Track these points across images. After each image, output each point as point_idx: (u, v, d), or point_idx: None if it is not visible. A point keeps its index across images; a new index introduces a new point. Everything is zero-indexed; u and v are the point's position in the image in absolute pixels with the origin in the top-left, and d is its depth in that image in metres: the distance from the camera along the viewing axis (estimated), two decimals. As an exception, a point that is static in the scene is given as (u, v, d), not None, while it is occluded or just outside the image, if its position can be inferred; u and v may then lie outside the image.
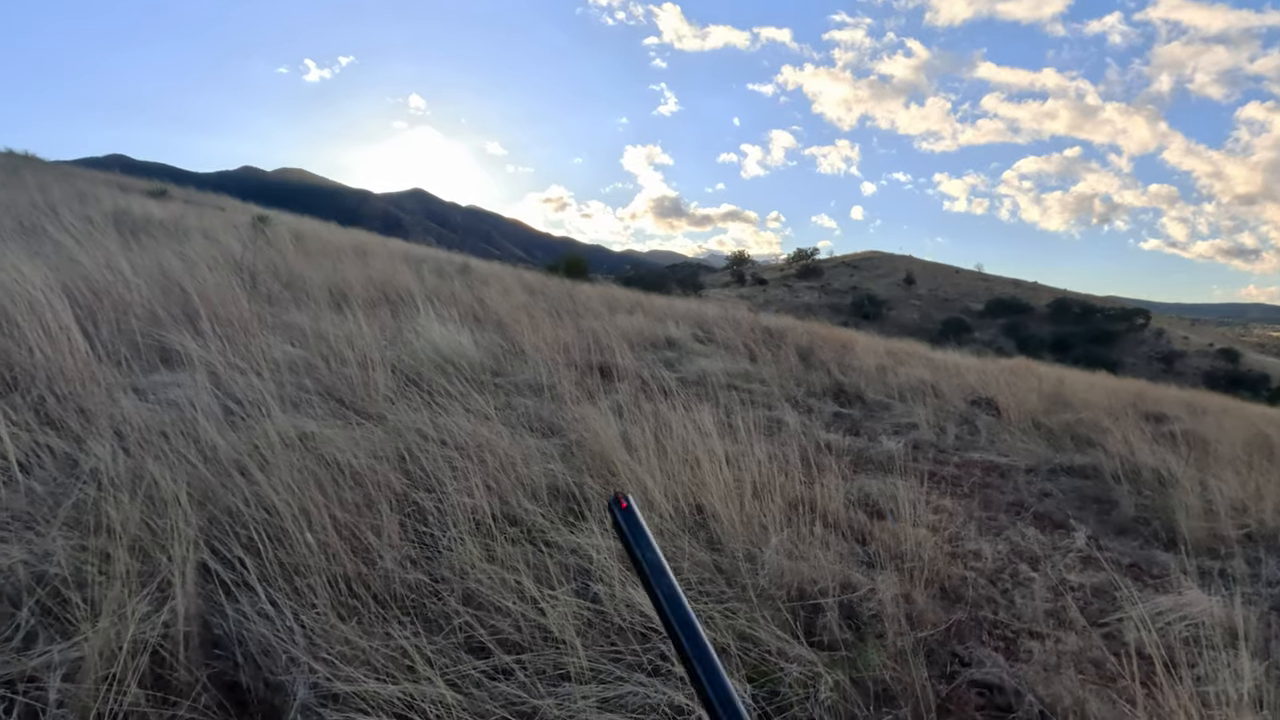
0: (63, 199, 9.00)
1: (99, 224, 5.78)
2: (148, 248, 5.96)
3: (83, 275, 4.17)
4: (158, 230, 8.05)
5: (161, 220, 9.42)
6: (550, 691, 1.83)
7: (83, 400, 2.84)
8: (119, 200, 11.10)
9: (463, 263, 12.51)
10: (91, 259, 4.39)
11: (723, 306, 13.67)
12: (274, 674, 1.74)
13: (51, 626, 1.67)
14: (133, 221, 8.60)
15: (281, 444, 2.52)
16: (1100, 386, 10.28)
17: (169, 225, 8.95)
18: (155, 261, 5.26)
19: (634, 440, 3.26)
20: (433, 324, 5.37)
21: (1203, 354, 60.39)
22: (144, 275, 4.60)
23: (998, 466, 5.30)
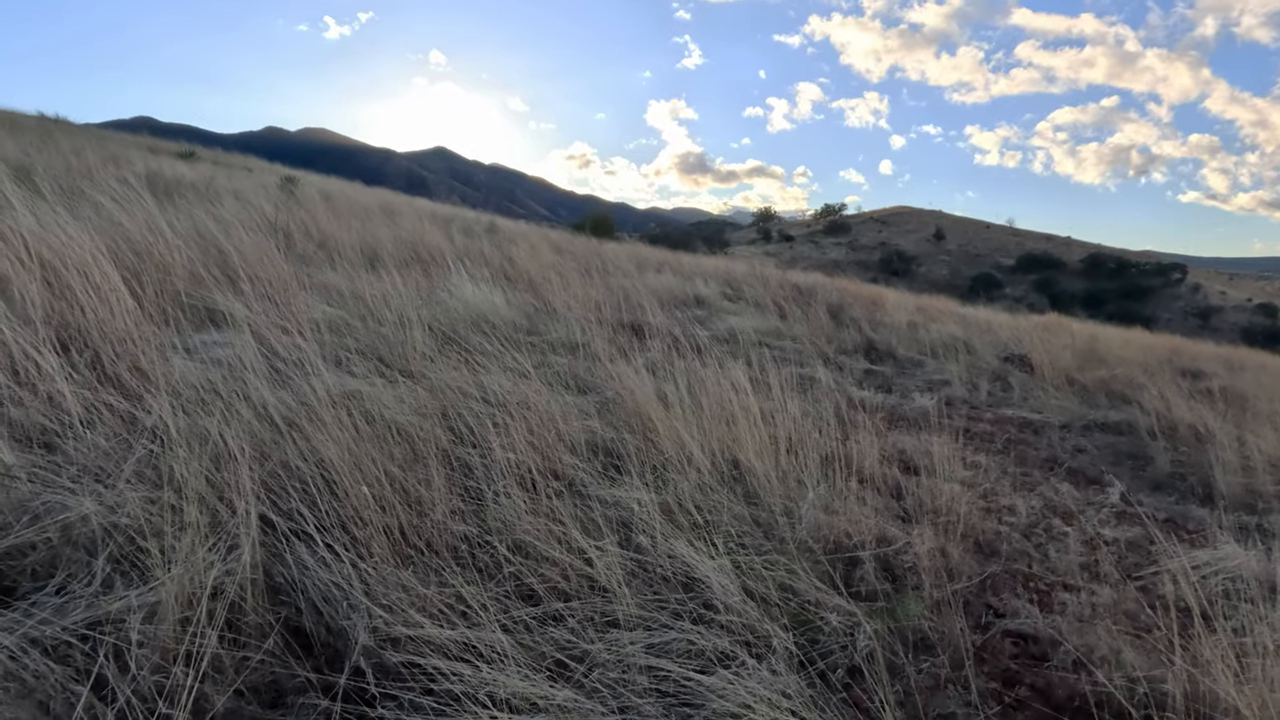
0: (97, 162, 9.09)
1: (134, 186, 5.84)
2: (182, 209, 6.04)
3: (125, 237, 4.24)
4: (189, 192, 8.14)
5: (193, 182, 9.52)
6: (600, 636, 1.89)
7: (136, 358, 2.92)
8: (150, 163, 11.22)
9: (489, 222, 12.53)
10: (132, 221, 4.46)
11: (750, 264, 13.59)
12: (335, 619, 1.82)
13: (128, 573, 1.76)
14: (165, 183, 8.71)
15: (329, 401, 2.58)
16: (1135, 343, 10.15)
17: (200, 187, 9.05)
18: (191, 223, 5.34)
19: (669, 397, 3.30)
20: (465, 283, 5.42)
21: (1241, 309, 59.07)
22: (183, 236, 4.67)
23: (1031, 423, 5.29)
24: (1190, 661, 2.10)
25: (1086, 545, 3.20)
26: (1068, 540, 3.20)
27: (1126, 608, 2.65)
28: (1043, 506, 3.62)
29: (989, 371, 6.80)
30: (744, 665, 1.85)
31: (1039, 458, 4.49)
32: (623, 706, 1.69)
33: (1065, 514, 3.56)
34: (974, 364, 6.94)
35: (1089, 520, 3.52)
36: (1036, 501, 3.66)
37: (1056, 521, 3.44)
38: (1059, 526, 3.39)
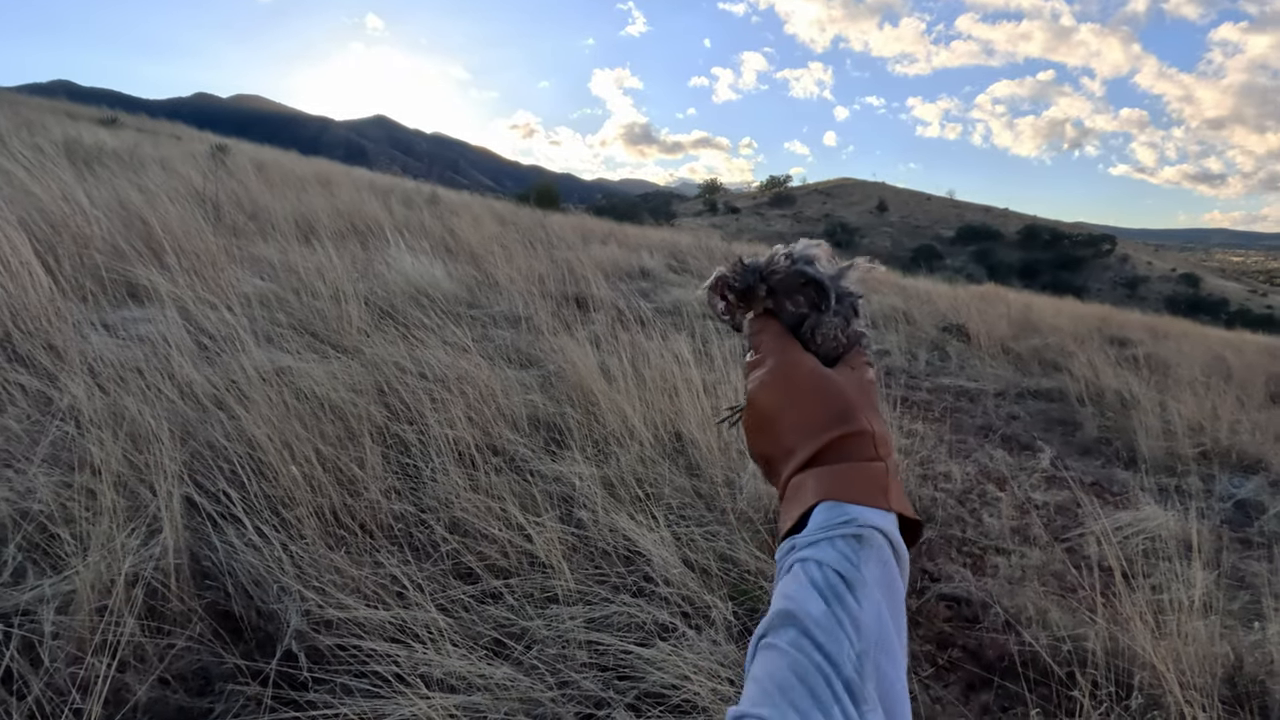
0: (8, 127, 8.59)
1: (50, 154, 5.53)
2: (103, 179, 5.74)
3: (38, 207, 4.02)
4: (112, 160, 7.74)
5: (115, 150, 9.06)
6: (539, 613, 1.88)
7: (50, 336, 2.78)
8: (68, 129, 10.64)
9: (431, 192, 12.24)
10: (46, 191, 4.23)
11: (696, 236, 13.58)
12: (265, 603, 1.77)
13: (41, 562, 1.68)
14: (85, 151, 8.26)
15: (259, 378, 2.50)
16: (1067, 312, 10.47)
17: (123, 155, 8.62)
18: (113, 193, 5.09)
19: (612, 370, 3.28)
20: (404, 256, 5.30)
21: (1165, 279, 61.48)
22: (103, 207, 4.45)
23: (968, 391, 5.42)
24: (1111, 619, 2.18)
25: (1018, 509, 3.31)
26: (1000, 505, 3.30)
27: (1054, 569, 2.75)
28: (977, 473, 3.72)
29: (928, 341, 6.94)
30: (683, 636, 1.86)
31: (974, 425, 4.62)
32: (561, 682, 1.68)
33: (999, 479, 3.67)
34: (913, 334, 7.07)
35: (1021, 485, 3.63)
36: (971, 468, 3.76)
37: (990, 487, 3.54)
38: (993, 492, 3.49)
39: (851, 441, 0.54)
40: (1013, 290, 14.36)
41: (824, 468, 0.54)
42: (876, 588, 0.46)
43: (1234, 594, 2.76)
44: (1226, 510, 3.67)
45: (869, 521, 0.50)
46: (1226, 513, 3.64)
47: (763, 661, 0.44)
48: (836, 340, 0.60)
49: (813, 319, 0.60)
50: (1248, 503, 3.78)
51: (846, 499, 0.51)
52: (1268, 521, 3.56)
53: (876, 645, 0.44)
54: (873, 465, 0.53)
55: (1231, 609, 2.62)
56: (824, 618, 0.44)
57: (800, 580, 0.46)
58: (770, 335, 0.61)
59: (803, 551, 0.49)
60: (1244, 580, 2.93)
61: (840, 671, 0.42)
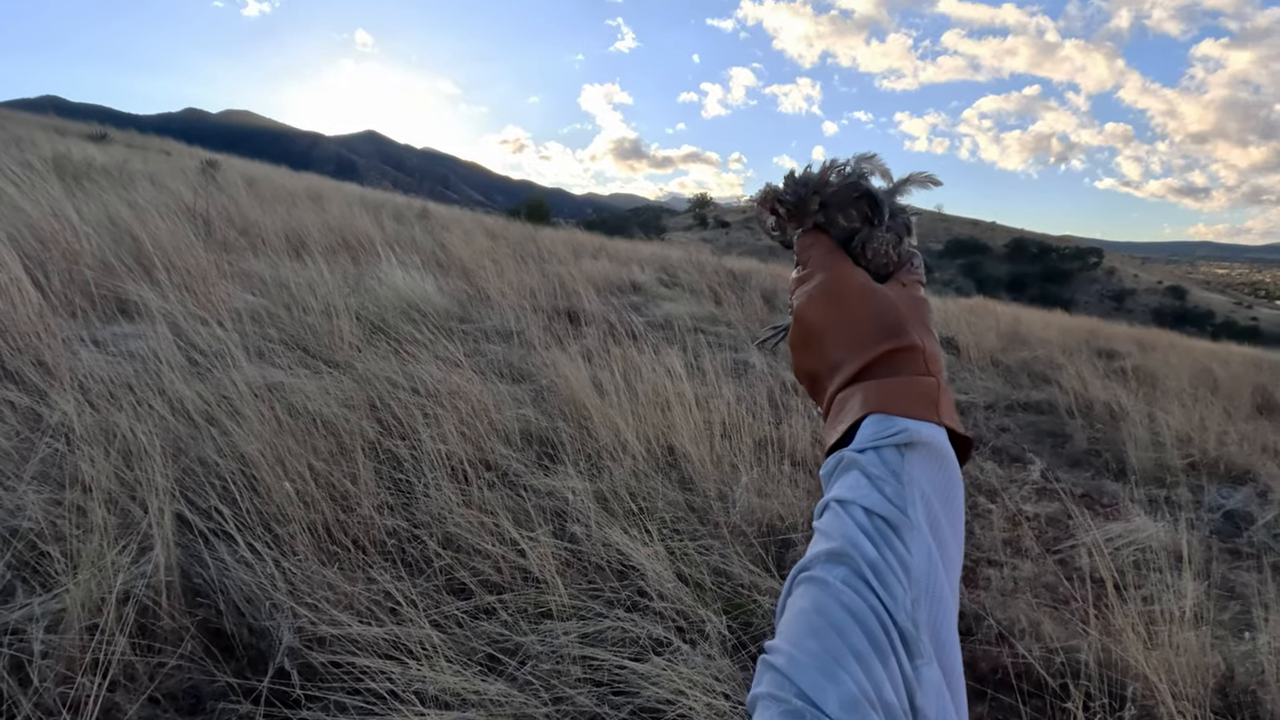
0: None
1: (39, 170, 5.52)
2: (93, 195, 5.73)
3: (28, 224, 4.01)
4: (101, 176, 7.72)
5: (105, 165, 9.04)
6: (533, 628, 1.88)
7: (39, 352, 2.77)
8: (57, 145, 10.61)
9: (421, 207, 12.25)
10: (35, 206, 4.22)
11: (686, 250, 13.62)
12: (258, 619, 1.75)
13: (30, 580, 1.67)
14: (74, 167, 8.24)
15: (251, 394, 2.49)
16: (1055, 324, 10.53)
17: (113, 171, 8.60)
18: (103, 209, 5.08)
19: (604, 384, 3.28)
20: (395, 271, 5.29)
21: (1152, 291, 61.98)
22: (92, 223, 4.44)
23: (958, 404, 5.44)
24: (1103, 631, 2.19)
25: (1009, 521, 3.32)
26: (992, 517, 3.31)
27: (1046, 581, 2.75)
28: (968, 485, 3.73)
29: (918, 354, 6.96)
30: (678, 651, 1.85)
31: (964, 438, 4.63)
32: (556, 698, 1.67)
33: (990, 491, 3.68)
34: (904, 347, 7.09)
35: (1012, 497, 3.65)
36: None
37: (981, 499, 3.56)
38: (984, 504, 3.50)
39: (902, 356, 0.53)
40: (1001, 303, 14.45)
41: (873, 381, 0.52)
42: (927, 528, 0.44)
43: (1224, 604, 2.77)
44: (1215, 521, 3.69)
45: (920, 433, 0.48)
46: (1215, 523, 3.67)
47: (809, 594, 0.42)
48: (888, 257, 0.59)
49: (864, 233, 0.59)
50: (1236, 513, 3.80)
51: (897, 411, 0.50)
52: (1256, 532, 3.58)
53: (928, 593, 0.42)
54: (924, 380, 0.52)
55: (1222, 619, 2.64)
56: (877, 561, 0.42)
57: (846, 521, 0.44)
58: (821, 249, 0.60)
59: (845, 480, 0.47)
60: (1234, 590, 2.94)
61: (895, 618, 0.40)
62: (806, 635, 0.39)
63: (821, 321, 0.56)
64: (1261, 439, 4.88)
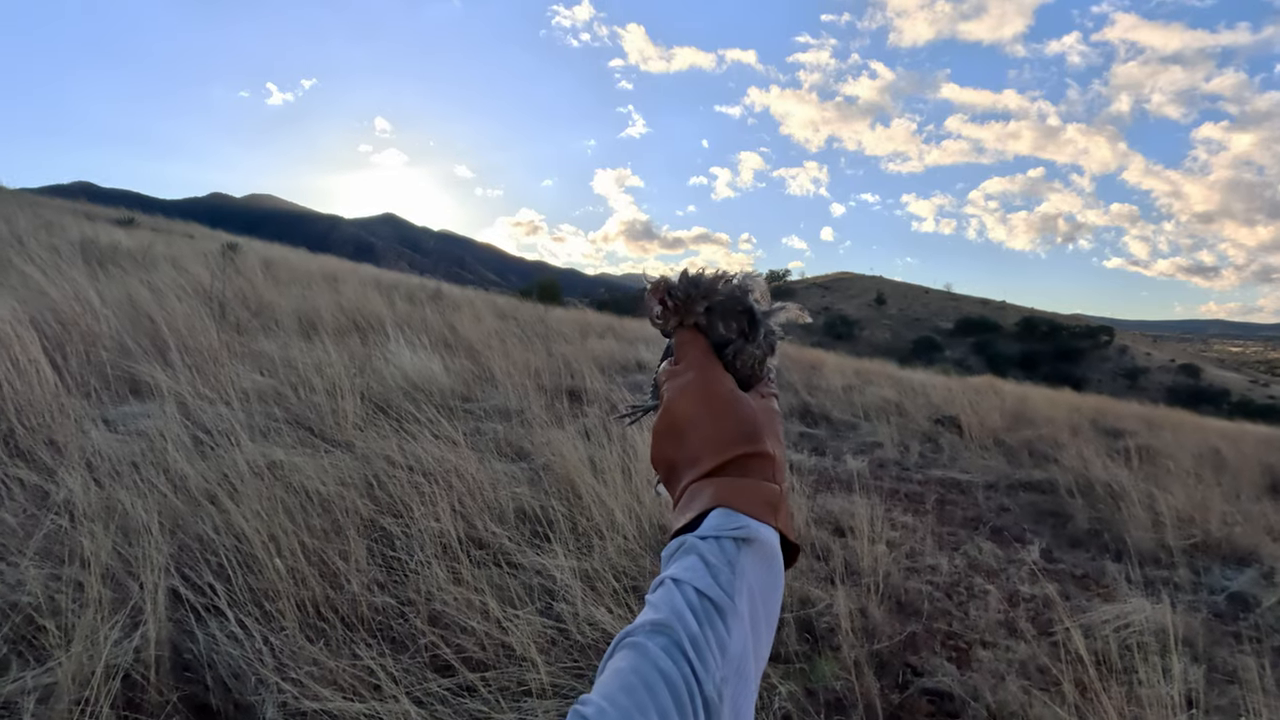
0: (28, 229, 8.94)
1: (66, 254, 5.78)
2: (115, 278, 5.96)
3: (50, 306, 4.18)
4: (125, 259, 8.01)
5: (129, 249, 9.38)
6: (513, 707, 1.89)
7: (52, 432, 2.87)
8: (86, 229, 11.03)
9: (435, 288, 12.53)
10: (59, 290, 4.41)
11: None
12: (243, 695, 1.79)
13: (25, 654, 1.72)
14: (100, 251, 8.56)
15: (250, 472, 2.57)
16: (1063, 403, 10.53)
17: (137, 254, 8.92)
18: (124, 291, 5.28)
19: (601, 464, 3.34)
20: (403, 351, 5.43)
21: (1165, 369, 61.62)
22: (112, 306, 4.62)
23: (958, 483, 5.45)
24: (1089, 714, 2.18)
25: (1005, 602, 3.30)
26: (988, 598, 3.30)
27: (1039, 663, 2.73)
28: (966, 565, 3.72)
29: (920, 433, 6.99)
30: (657, 731, 1.86)
31: (964, 517, 4.63)
32: (532, 776, 1.69)
33: (987, 572, 3.67)
34: (906, 426, 7.13)
35: (1009, 578, 3.63)
36: (960, 560, 3.76)
37: (978, 579, 3.55)
38: (980, 584, 3.49)
39: (754, 461, 0.59)
40: (1010, 382, 14.47)
41: (726, 479, 0.58)
42: (747, 617, 0.50)
43: (1223, 689, 2.74)
44: (1218, 603, 3.65)
45: (758, 533, 0.54)
46: (1218, 606, 3.62)
47: (628, 657, 0.46)
48: (753, 370, 0.65)
49: (737, 344, 0.65)
50: (1241, 595, 3.76)
51: (741, 509, 0.56)
52: (1263, 614, 3.54)
53: (737, 673, 0.47)
54: (769, 486, 0.58)
55: (1220, 704, 2.60)
56: (697, 635, 0.46)
57: (676, 597, 0.50)
58: (698, 350, 0.65)
59: (684, 561, 0.53)
60: (1234, 675, 2.90)
61: (703, 688, 0.44)
62: (619, 691, 0.43)
63: (689, 416, 0.62)
64: (1268, 520, 4.84)
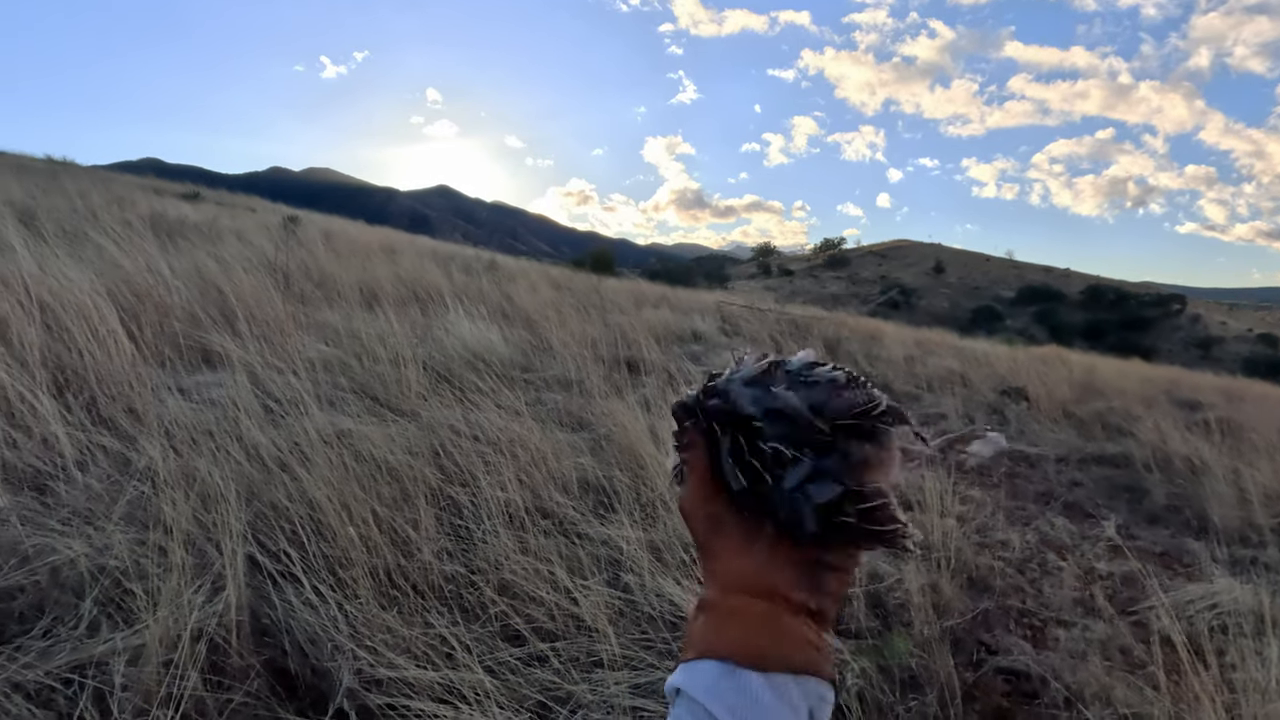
0: (101, 204, 9.21)
1: (137, 228, 5.92)
2: (184, 250, 6.12)
3: (125, 278, 4.30)
4: (192, 233, 8.23)
5: (196, 223, 9.62)
6: (584, 678, 1.89)
7: (131, 400, 2.95)
8: (154, 204, 11.36)
9: (489, 259, 12.62)
10: (132, 262, 4.52)
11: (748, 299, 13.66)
12: (320, 661, 1.82)
13: (114, 616, 1.77)
14: (168, 224, 8.80)
15: (320, 441, 2.60)
16: (1133, 374, 10.16)
17: (203, 227, 9.14)
18: (192, 264, 5.40)
19: (661, 434, 3.31)
20: (462, 321, 5.46)
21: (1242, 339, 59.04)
22: (182, 277, 4.74)
23: (1027, 456, 5.29)
24: (1180, 699, 2.09)
25: (1080, 580, 3.19)
26: (1062, 575, 3.19)
27: (1120, 643, 2.64)
28: (1038, 541, 3.61)
29: (985, 405, 6.81)
30: (729, 705, 1.84)
31: (1034, 491, 4.49)
32: (605, 748, 1.68)
33: (1060, 548, 3.55)
34: (970, 397, 6.95)
35: (1083, 554, 3.51)
36: (1031, 536, 3.65)
37: (1051, 556, 3.44)
38: (1054, 561, 3.38)
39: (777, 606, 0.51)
40: (1076, 352, 14.02)
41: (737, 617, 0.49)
42: None
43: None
44: (1311, 585, 3.48)
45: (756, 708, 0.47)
46: (1311, 588, 3.45)
47: None
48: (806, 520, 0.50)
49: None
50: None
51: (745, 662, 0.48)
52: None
53: None
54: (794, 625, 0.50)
55: (1317, 691, 2.48)
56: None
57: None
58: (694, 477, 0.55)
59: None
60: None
61: None
62: None
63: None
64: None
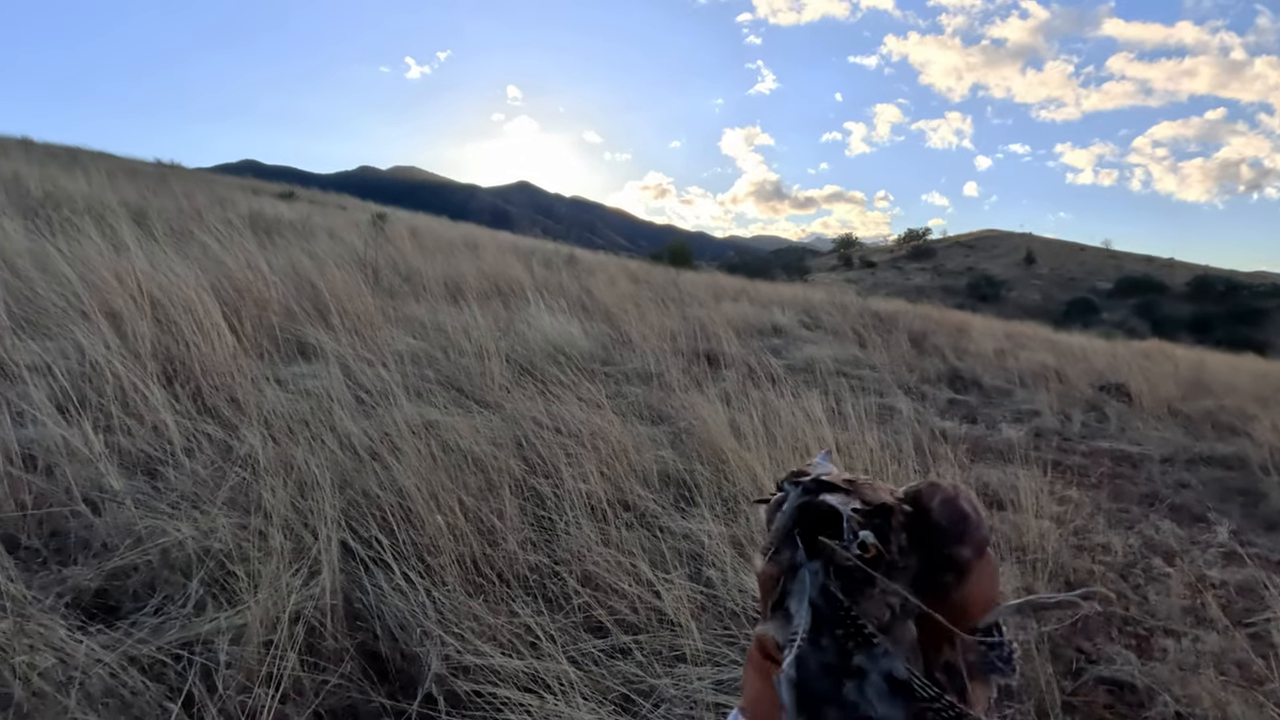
0: (205, 204, 9.70)
1: (237, 226, 6.20)
2: (280, 247, 6.38)
3: (227, 274, 4.51)
4: (288, 230, 8.58)
5: (291, 221, 10.03)
6: (667, 671, 1.88)
7: (233, 390, 3.09)
8: (253, 203, 11.90)
9: (569, 253, 12.74)
10: (234, 259, 4.74)
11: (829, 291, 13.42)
12: (409, 646, 1.86)
13: (218, 596, 1.85)
14: (266, 223, 9.20)
15: (409, 431, 2.67)
16: (1246, 370, 9.53)
17: (298, 225, 9.53)
18: (288, 260, 5.63)
19: (742, 428, 3.27)
20: (543, 315, 5.53)
21: (1372, 333, 54.65)
22: (279, 273, 4.94)
23: (1129, 456, 5.02)
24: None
25: (1190, 588, 3.01)
26: (1169, 582, 3.02)
27: (1236, 657, 2.47)
28: (1141, 545, 3.42)
29: (1083, 401, 6.50)
30: (814, 705, 1.80)
31: (1137, 493, 4.26)
32: (689, 743, 1.67)
33: (1167, 553, 3.36)
34: (1066, 393, 6.64)
35: (1193, 561, 3.31)
36: (1134, 540, 3.46)
37: (1157, 561, 3.25)
38: (1159, 567, 3.20)
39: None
40: (1181, 347, 13.25)
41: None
42: None
43: None
44: None
45: None
46: None
47: None
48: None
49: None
50: None
51: None
52: None
53: None
54: None
55: None
56: None
57: None
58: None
59: None
60: None
61: None
62: None
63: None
64: None
